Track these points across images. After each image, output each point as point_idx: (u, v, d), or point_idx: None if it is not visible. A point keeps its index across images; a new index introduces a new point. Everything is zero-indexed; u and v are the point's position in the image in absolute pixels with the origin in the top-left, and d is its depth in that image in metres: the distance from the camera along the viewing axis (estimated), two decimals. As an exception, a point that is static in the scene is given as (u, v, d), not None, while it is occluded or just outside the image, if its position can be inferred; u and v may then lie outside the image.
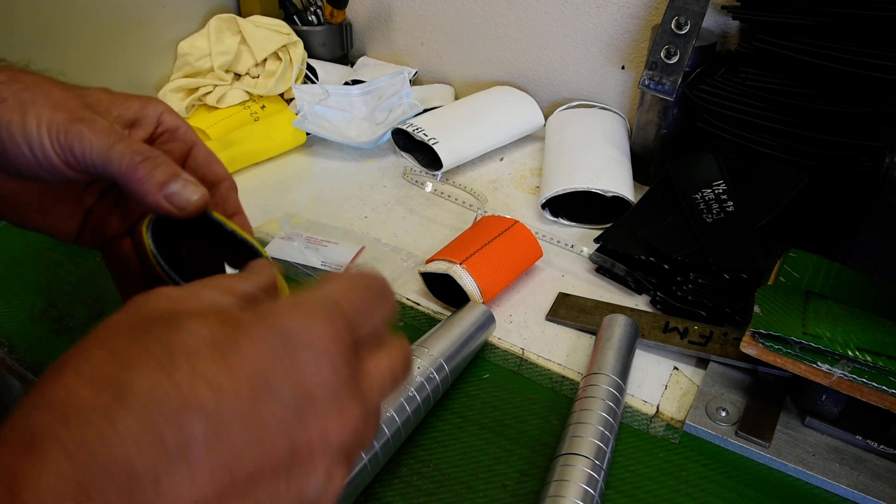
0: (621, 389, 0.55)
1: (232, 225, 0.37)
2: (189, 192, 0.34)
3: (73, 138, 0.34)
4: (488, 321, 0.62)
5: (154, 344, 0.23)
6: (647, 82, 0.77)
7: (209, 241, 0.38)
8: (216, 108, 0.95)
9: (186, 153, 0.40)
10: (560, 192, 0.78)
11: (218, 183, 0.40)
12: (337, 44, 1.09)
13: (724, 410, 0.57)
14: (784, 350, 0.52)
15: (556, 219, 0.81)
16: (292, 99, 0.97)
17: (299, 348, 0.24)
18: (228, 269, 0.38)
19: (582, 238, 0.78)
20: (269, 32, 0.98)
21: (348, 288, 0.27)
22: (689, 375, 0.61)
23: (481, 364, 0.62)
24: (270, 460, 0.23)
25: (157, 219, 0.35)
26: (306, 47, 1.02)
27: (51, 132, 0.34)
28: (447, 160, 0.86)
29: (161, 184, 0.34)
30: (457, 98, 1.07)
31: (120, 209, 0.42)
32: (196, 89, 0.95)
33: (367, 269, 0.29)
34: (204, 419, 0.22)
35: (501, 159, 0.94)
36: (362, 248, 0.75)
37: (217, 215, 0.37)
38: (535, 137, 0.98)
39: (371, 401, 0.27)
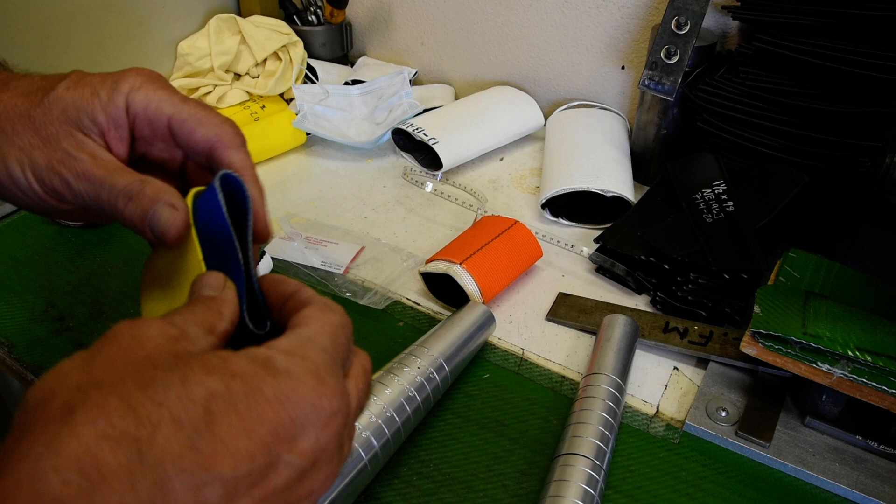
0: (621, 389, 0.55)
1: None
2: (163, 222, 0.33)
3: (59, 184, 0.35)
4: (488, 321, 0.62)
5: (168, 397, 0.23)
6: (647, 82, 0.77)
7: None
8: (216, 108, 0.95)
9: (167, 128, 0.38)
10: (560, 192, 0.78)
11: (209, 147, 0.37)
12: (337, 44, 1.09)
13: (724, 410, 0.57)
14: (784, 350, 0.52)
15: (556, 219, 0.81)
16: (292, 99, 0.97)
17: (308, 425, 0.26)
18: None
19: (582, 238, 0.78)
20: (269, 32, 0.98)
21: (332, 335, 0.30)
22: (689, 375, 0.61)
23: (481, 364, 0.62)
24: None
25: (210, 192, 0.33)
26: (306, 47, 1.02)
27: (37, 177, 0.35)
28: (447, 160, 0.86)
29: (143, 216, 0.34)
30: (457, 98, 1.07)
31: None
32: (196, 89, 0.95)
33: (332, 303, 0.32)
34: (221, 488, 0.23)
35: (501, 159, 0.94)
36: (362, 248, 0.75)
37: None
38: (535, 137, 0.98)
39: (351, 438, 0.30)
